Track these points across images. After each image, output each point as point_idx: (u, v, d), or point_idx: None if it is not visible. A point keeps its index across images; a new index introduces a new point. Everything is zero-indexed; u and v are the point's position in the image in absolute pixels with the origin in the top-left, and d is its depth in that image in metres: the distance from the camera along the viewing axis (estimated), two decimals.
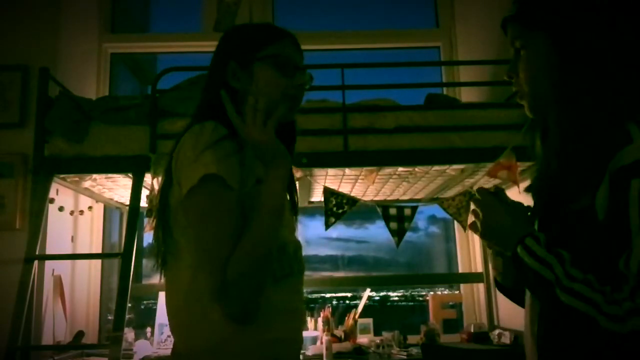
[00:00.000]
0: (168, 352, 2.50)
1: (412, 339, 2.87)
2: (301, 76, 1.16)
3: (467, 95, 3.20)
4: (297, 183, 1.29)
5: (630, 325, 0.78)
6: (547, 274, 0.86)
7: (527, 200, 1.05)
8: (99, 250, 3.07)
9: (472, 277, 3.18)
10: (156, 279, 3.09)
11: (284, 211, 1.07)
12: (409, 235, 2.55)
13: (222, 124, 1.05)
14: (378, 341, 2.78)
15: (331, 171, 2.42)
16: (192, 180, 0.98)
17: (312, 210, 3.19)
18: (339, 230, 3.41)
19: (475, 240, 3.17)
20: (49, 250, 2.49)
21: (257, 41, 1.15)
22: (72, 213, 2.77)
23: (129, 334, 2.68)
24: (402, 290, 3.62)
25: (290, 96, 1.14)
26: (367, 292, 3.00)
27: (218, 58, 1.18)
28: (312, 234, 3.35)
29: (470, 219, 1.13)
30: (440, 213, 3.28)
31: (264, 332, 1.02)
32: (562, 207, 0.93)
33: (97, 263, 3.05)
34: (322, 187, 2.50)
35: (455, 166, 2.35)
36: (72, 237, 2.83)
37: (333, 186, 2.61)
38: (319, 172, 2.42)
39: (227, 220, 0.99)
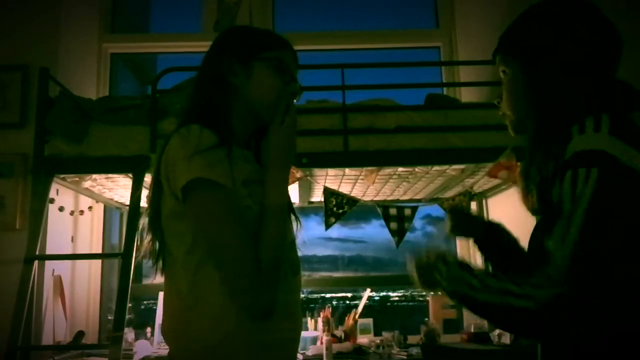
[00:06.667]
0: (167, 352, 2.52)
1: (412, 339, 2.87)
2: (295, 85, 1.18)
3: (467, 95, 3.20)
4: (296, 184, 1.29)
5: (545, 294, 0.83)
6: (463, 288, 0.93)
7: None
8: (99, 250, 3.07)
9: None
10: (156, 279, 3.10)
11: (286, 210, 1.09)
12: (408, 235, 2.55)
13: (212, 123, 1.05)
14: (378, 341, 2.78)
15: (331, 171, 2.42)
16: (182, 182, 0.99)
17: (310, 211, 3.18)
18: (336, 230, 3.41)
19: None
20: (49, 250, 2.49)
21: (261, 42, 1.17)
22: (72, 213, 2.78)
23: (129, 334, 2.68)
24: (402, 290, 3.62)
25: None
26: (367, 292, 3.00)
27: (216, 51, 1.17)
28: (310, 234, 3.35)
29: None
30: (435, 212, 3.30)
31: (257, 333, 1.02)
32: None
33: (97, 263, 3.05)
34: (322, 187, 2.50)
35: (455, 166, 2.35)
36: (72, 237, 2.83)
37: (333, 186, 2.61)
38: (319, 172, 2.42)
39: (236, 218, 1.00)
